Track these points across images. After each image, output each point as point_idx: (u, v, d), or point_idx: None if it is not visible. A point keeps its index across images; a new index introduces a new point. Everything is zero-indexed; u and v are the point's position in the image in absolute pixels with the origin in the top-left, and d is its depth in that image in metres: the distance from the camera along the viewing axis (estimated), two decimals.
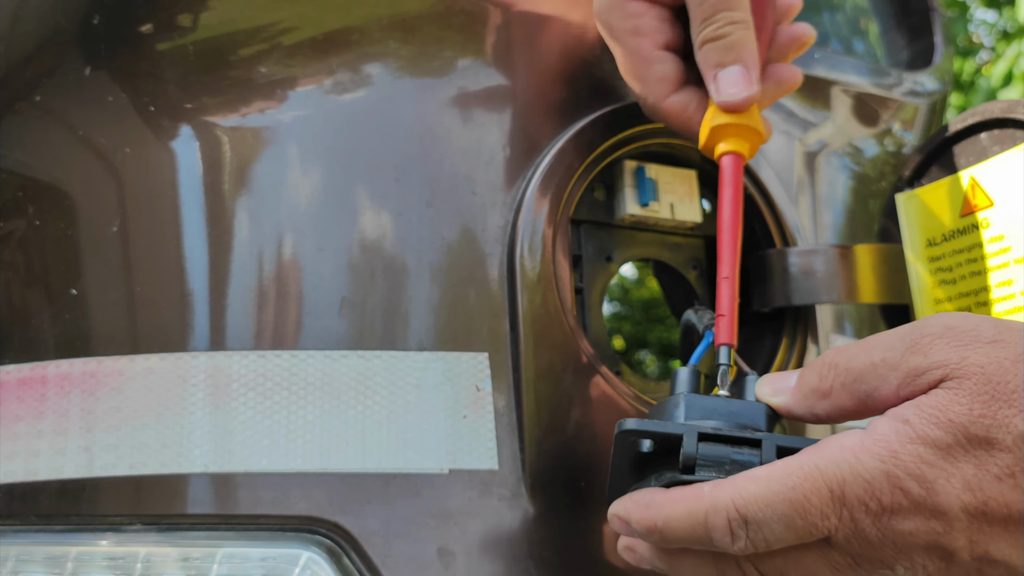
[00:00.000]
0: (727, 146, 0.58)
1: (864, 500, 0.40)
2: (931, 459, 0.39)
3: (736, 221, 0.56)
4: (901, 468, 0.39)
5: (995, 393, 0.39)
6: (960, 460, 0.39)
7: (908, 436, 0.39)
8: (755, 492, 0.41)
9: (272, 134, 0.58)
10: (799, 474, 0.40)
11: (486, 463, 0.56)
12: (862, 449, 0.40)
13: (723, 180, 0.57)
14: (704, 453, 0.45)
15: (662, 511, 0.44)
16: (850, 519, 0.40)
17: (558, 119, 0.64)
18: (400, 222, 0.58)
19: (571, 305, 0.61)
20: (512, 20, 0.64)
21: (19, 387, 0.54)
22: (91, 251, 0.56)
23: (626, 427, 0.46)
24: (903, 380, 0.41)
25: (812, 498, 0.40)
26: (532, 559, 0.56)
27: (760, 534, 0.41)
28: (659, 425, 0.46)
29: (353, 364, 0.55)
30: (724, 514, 0.41)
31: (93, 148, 0.57)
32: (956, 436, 0.39)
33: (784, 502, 0.40)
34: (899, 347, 0.42)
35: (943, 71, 0.89)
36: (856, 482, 0.40)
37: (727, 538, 0.42)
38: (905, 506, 0.39)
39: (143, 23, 0.57)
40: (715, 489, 0.42)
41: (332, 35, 0.60)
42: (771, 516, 0.40)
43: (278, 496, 0.52)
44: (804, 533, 0.41)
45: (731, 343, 0.52)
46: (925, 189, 0.65)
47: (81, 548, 0.51)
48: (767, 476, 0.41)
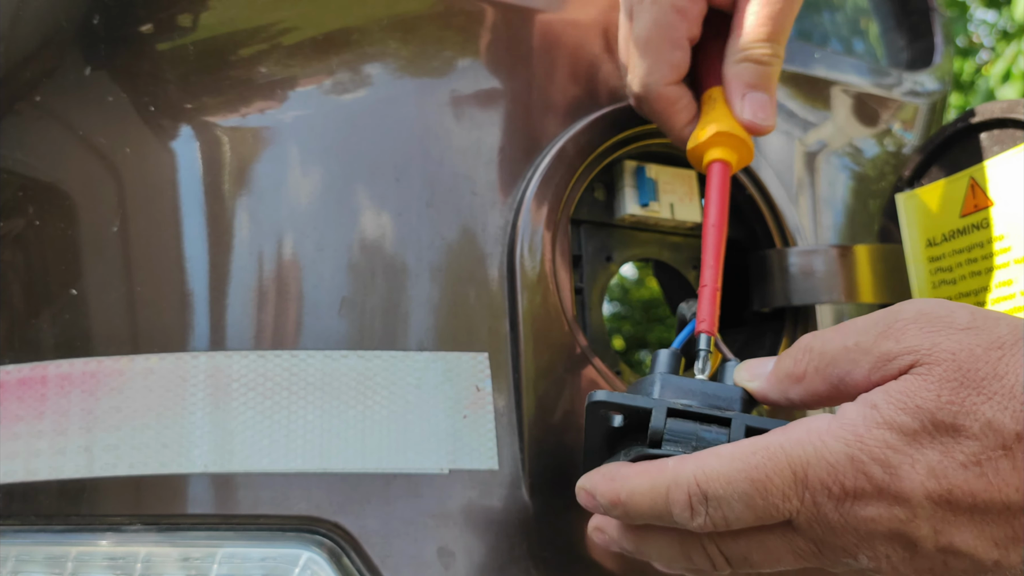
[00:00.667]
0: (719, 154, 0.58)
1: (827, 483, 0.39)
2: (896, 444, 0.38)
3: (722, 228, 0.56)
4: (865, 452, 0.39)
5: (964, 380, 0.38)
6: (926, 446, 0.38)
7: (874, 421, 0.39)
8: (717, 468, 0.41)
9: (272, 134, 0.58)
10: (763, 454, 0.40)
11: (486, 463, 0.56)
12: (828, 433, 0.40)
13: (712, 186, 0.58)
14: (672, 428, 0.44)
15: (626, 484, 0.44)
16: (812, 502, 0.40)
17: (558, 119, 0.64)
18: (400, 222, 0.58)
19: (571, 305, 0.61)
20: (512, 20, 0.64)
21: (19, 387, 0.54)
22: (91, 251, 0.56)
23: (596, 399, 0.46)
24: (874, 365, 0.41)
25: (774, 478, 0.40)
26: (532, 559, 0.56)
27: (720, 511, 0.41)
28: (628, 398, 0.46)
29: (353, 364, 0.55)
30: (685, 488, 0.41)
31: (93, 148, 0.57)
32: (922, 422, 0.38)
33: (745, 480, 0.40)
34: (872, 332, 0.41)
35: (943, 71, 0.89)
36: (819, 465, 0.39)
37: (687, 513, 0.41)
38: (868, 491, 0.39)
39: (143, 23, 0.57)
40: (679, 464, 0.42)
41: (332, 35, 0.60)
42: (731, 493, 0.40)
43: (278, 496, 0.52)
44: (764, 513, 0.40)
45: (711, 332, 0.52)
46: (925, 189, 0.65)
47: (81, 548, 0.51)
48: (731, 453, 0.41)
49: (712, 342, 0.52)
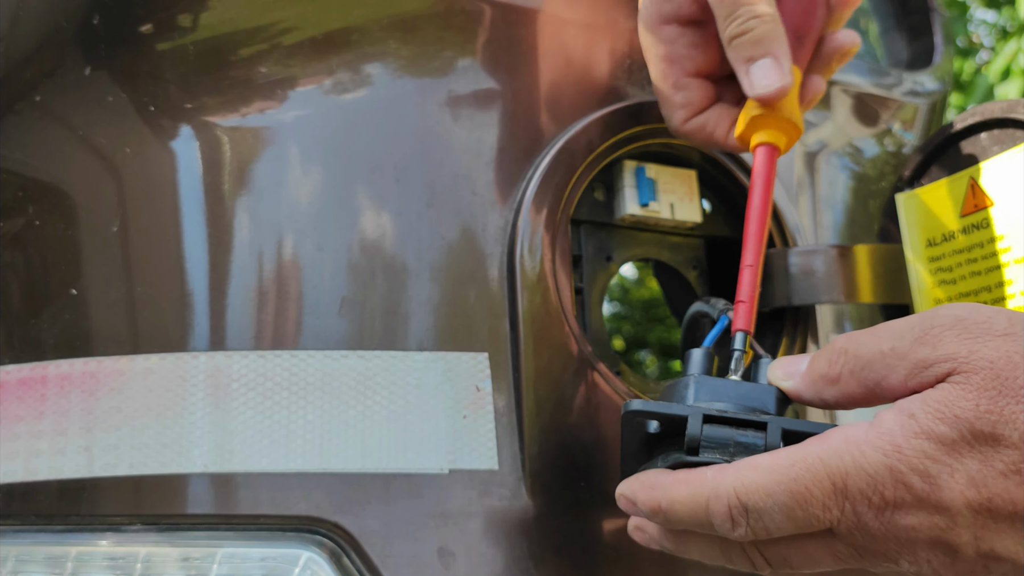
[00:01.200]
0: (762, 137, 0.58)
1: (867, 494, 0.39)
2: (935, 454, 0.38)
3: (765, 212, 0.56)
4: (904, 463, 0.39)
5: (1003, 388, 0.38)
6: (965, 456, 0.38)
7: (913, 431, 0.39)
8: (757, 481, 0.41)
9: (272, 134, 0.58)
10: (802, 465, 0.40)
11: (486, 463, 0.56)
12: (866, 442, 0.40)
13: (755, 171, 0.58)
14: (708, 435, 0.44)
15: (666, 493, 0.44)
16: (852, 512, 0.40)
17: (558, 119, 0.64)
18: (400, 222, 0.58)
19: (571, 305, 0.61)
20: (512, 20, 0.64)
21: (19, 387, 0.54)
22: (91, 251, 0.56)
23: (631, 408, 0.46)
24: (911, 371, 0.41)
25: (814, 490, 0.40)
26: (532, 559, 0.56)
27: (760, 522, 0.41)
28: (663, 406, 0.46)
29: (353, 364, 0.55)
30: (725, 501, 0.41)
31: (93, 148, 0.57)
32: (961, 432, 0.38)
33: (785, 492, 0.40)
34: (908, 337, 0.41)
35: (943, 71, 0.89)
36: (859, 475, 0.39)
37: (727, 524, 0.42)
38: (908, 501, 0.39)
39: (143, 23, 0.57)
40: (718, 475, 0.42)
41: (332, 35, 0.60)
42: (772, 506, 0.40)
43: (278, 496, 0.52)
44: (804, 523, 0.41)
45: (748, 329, 0.52)
46: (925, 189, 0.65)
47: (81, 548, 0.51)
48: (769, 465, 0.41)
49: (747, 341, 0.52)
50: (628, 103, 0.65)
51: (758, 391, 0.48)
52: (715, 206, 0.72)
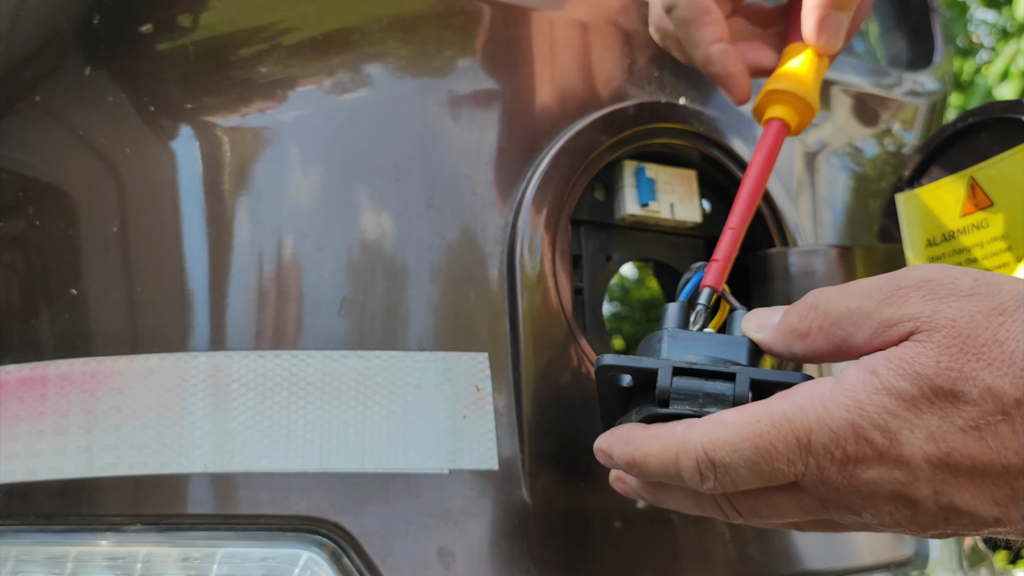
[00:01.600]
0: (776, 112, 0.58)
1: (829, 449, 0.40)
2: (895, 410, 0.39)
3: (760, 182, 0.56)
4: (866, 419, 0.39)
5: (964, 346, 0.39)
6: (925, 412, 0.39)
7: (874, 387, 0.40)
8: (723, 436, 0.42)
9: (272, 134, 0.58)
10: (767, 421, 0.41)
11: (486, 463, 0.56)
12: (830, 398, 0.40)
13: (761, 142, 0.57)
14: (678, 387, 0.45)
15: (640, 447, 0.45)
16: (816, 467, 0.41)
17: (558, 119, 0.64)
18: (400, 222, 0.58)
19: (571, 305, 0.61)
20: (512, 20, 0.64)
21: (19, 387, 0.54)
22: (91, 251, 0.56)
23: (603, 363, 0.47)
24: (876, 329, 0.41)
25: (778, 445, 0.41)
26: (532, 559, 0.56)
27: (727, 476, 0.42)
28: (634, 360, 0.47)
29: (353, 364, 0.55)
30: (694, 456, 0.43)
31: (93, 148, 0.57)
32: (922, 388, 0.39)
33: (751, 448, 0.41)
34: (876, 296, 0.42)
35: (943, 71, 0.89)
36: (822, 431, 0.40)
37: (696, 478, 0.43)
38: (869, 455, 0.40)
39: (143, 23, 0.57)
40: (687, 431, 0.43)
41: (332, 35, 0.60)
42: (738, 460, 0.41)
43: (278, 496, 0.52)
44: (770, 477, 0.42)
45: (716, 286, 0.53)
46: (925, 189, 0.65)
47: (81, 548, 0.51)
48: (736, 421, 0.42)
49: (712, 297, 0.52)
50: (628, 103, 0.65)
51: (731, 343, 0.48)
52: (715, 206, 0.72)
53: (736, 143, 0.69)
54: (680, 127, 0.68)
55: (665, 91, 0.69)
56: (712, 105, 0.70)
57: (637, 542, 0.60)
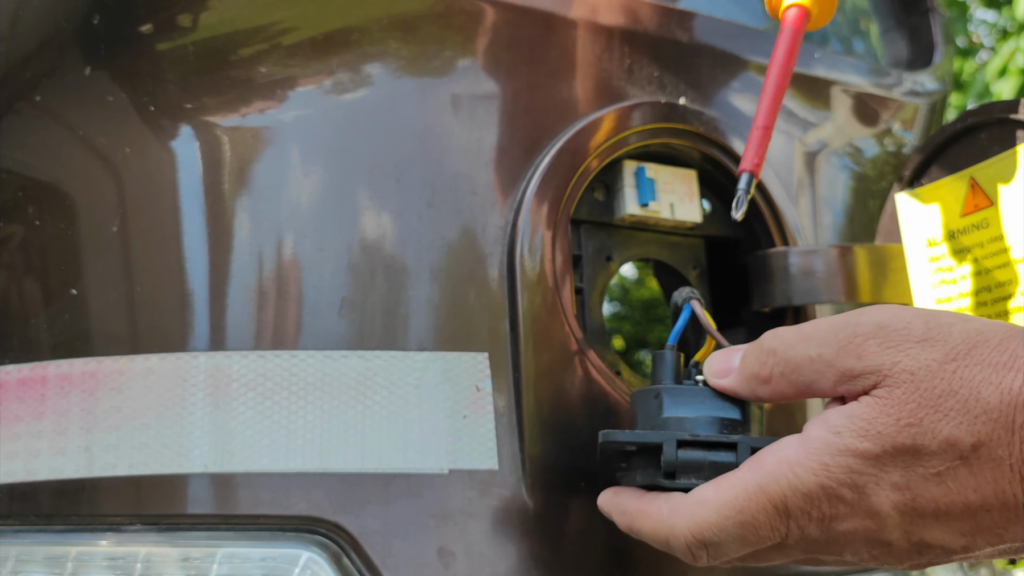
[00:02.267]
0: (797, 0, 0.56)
1: (806, 511, 0.43)
2: (860, 468, 0.41)
3: (785, 76, 0.55)
4: (834, 480, 0.42)
5: (922, 400, 0.40)
6: (888, 467, 0.41)
7: (838, 448, 0.42)
8: (707, 519, 0.45)
9: (272, 134, 0.58)
10: (744, 496, 0.44)
11: (486, 463, 0.56)
12: (798, 463, 0.43)
13: (781, 33, 0.56)
14: (684, 458, 0.47)
15: (634, 522, 0.49)
16: (797, 527, 0.43)
17: (558, 119, 0.64)
18: (400, 222, 0.58)
19: (571, 305, 0.61)
20: (512, 20, 0.64)
21: (19, 387, 0.54)
22: (91, 251, 0.56)
23: (610, 439, 0.49)
24: (839, 379, 0.43)
25: (759, 516, 0.43)
26: (532, 559, 0.56)
27: (719, 551, 0.45)
28: (638, 435, 0.49)
29: (353, 364, 0.55)
30: (683, 540, 0.46)
31: (93, 148, 0.57)
32: (884, 447, 0.41)
33: (735, 525, 0.44)
34: (833, 344, 0.43)
35: (943, 71, 0.89)
36: (796, 496, 0.42)
37: (689, 558, 0.46)
38: (842, 512, 0.42)
39: (143, 23, 0.57)
40: (672, 516, 0.46)
41: (332, 35, 0.60)
42: (724, 538, 0.44)
43: (278, 496, 0.52)
44: (757, 544, 0.45)
45: (754, 171, 0.53)
46: (925, 189, 0.65)
47: (81, 548, 0.51)
48: (716, 500, 0.44)
49: (752, 182, 0.52)
50: (628, 103, 0.65)
51: (725, 396, 0.50)
52: (715, 206, 0.72)
53: (736, 143, 0.69)
54: (680, 127, 0.68)
55: (665, 91, 0.68)
56: (712, 105, 0.70)
57: (637, 542, 0.60)
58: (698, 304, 0.54)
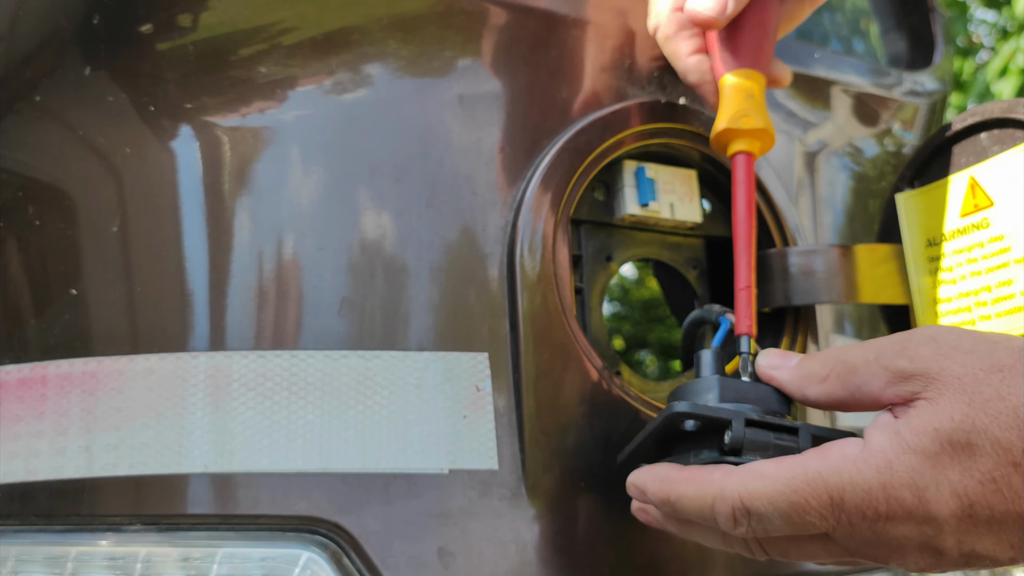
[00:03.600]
0: (741, 146, 0.60)
1: (861, 508, 0.43)
2: (922, 469, 0.42)
3: (751, 223, 0.58)
4: (896, 479, 0.42)
5: (972, 402, 0.42)
6: (947, 468, 0.42)
7: (901, 447, 0.43)
8: (761, 489, 0.45)
9: (272, 134, 0.58)
10: (803, 478, 0.44)
11: (486, 463, 0.56)
12: (862, 460, 0.43)
13: (735, 179, 0.59)
14: (751, 438, 0.48)
15: (675, 488, 0.48)
16: (847, 523, 0.43)
17: (558, 119, 0.64)
18: (400, 222, 0.58)
19: (571, 305, 0.61)
20: (512, 20, 0.64)
21: (19, 387, 0.54)
22: (91, 251, 0.56)
23: (678, 410, 0.49)
24: (890, 380, 0.45)
25: (812, 501, 0.44)
26: (532, 559, 0.56)
27: (761, 524, 0.45)
28: (710, 410, 0.49)
29: (353, 364, 0.55)
30: (730, 504, 0.45)
31: (93, 148, 0.57)
32: (942, 443, 0.42)
33: (786, 502, 0.44)
34: (890, 350, 0.46)
35: (943, 71, 0.89)
36: (855, 492, 0.43)
37: (730, 523, 0.46)
38: (899, 514, 0.43)
39: (143, 23, 0.57)
40: (724, 479, 0.46)
41: (332, 35, 0.60)
42: (772, 512, 0.44)
43: (278, 496, 0.52)
44: (801, 528, 0.44)
45: (751, 333, 0.55)
46: (925, 189, 0.65)
47: (81, 548, 0.51)
48: (774, 475, 0.45)
49: (752, 344, 0.55)
50: (628, 103, 0.65)
51: (768, 392, 0.51)
52: (715, 206, 0.72)
53: None
54: (680, 127, 0.68)
55: (665, 91, 0.69)
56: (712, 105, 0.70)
57: (637, 542, 0.60)
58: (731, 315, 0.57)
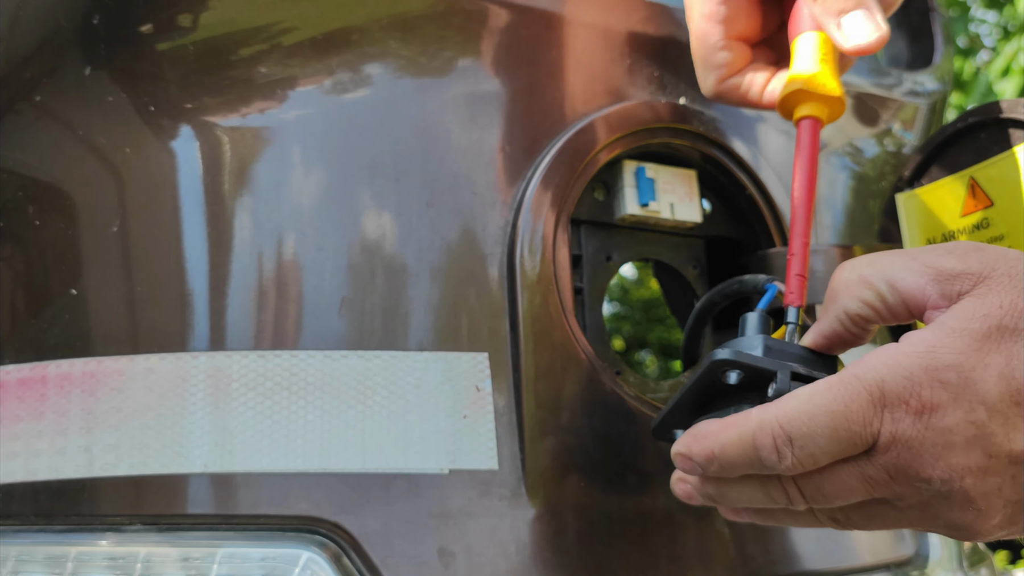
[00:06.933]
0: (805, 111, 0.57)
1: (904, 398, 0.41)
2: (967, 349, 0.40)
3: (811, 185, 0.56)
4: (939, 360, 0.40)
5: (1022, 292, 0.40)
6: (994, 351, 0.40)
7: (945, 332, 0.41)
8: (797, 408, 0.42)
9: (272, 134, 0.58)
10: (839, 387, 0.42)
11: (486, 463, 0.56)
12: (899, 351, 0.41)
13: (799, 145, 0.57)
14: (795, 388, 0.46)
15: (717, 439, 0.46)
16: (891, 420, 0.41)
17: (558, 119, 0.64)
18: (400, 222, 0.58)
19: (571, 305, 0.61)
20: (512, 20, 0.64)
21: (19, 387, 0.54)
22: (91, 251, 0.56)
23: (720, 357, 0.47)
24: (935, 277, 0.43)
25: (852, 405, 0.41)
26: (532, 559, 0.56)
27: (805, 449, 0.42)
28: (755, 359, 0.47)
29: (353, 364, 0.55)
30: (770, 432, 0.43)
31: (93, 148, 0.57)
32: (989, 327, 0.40)
33: (825, 414, 0.41)
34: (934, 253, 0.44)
35: (943, 71, 0.89)
36: (895, 380, 0.41)
37: (774, 456, 0.43)
38: (945, 400, 0.40)
39: (143, 23, 0.57)
40: (762, 411, 0.44)
41: (332, 35, 0.60)
42: (814, 429, 0.42)
43: (278, 496, 0.52)
44: (848, 443, 0.42)
45: (801, 304, 0.53)
46: (925, 189, 0.65)
47: (81, 548, 0.51)
48: (809, 392, 0.43)
49: (800, 315, 0.53)
50: (628, 103, 0.65)
51: (815, 355, 0.49)
52: (715, 206, 0.72)
53: (736, 143, 0.69)
54: (680, 127, 0.68)
55: (665, 91, 0.69)
56: (712, 105, 0.70)
57: (637, 542, 0.60)
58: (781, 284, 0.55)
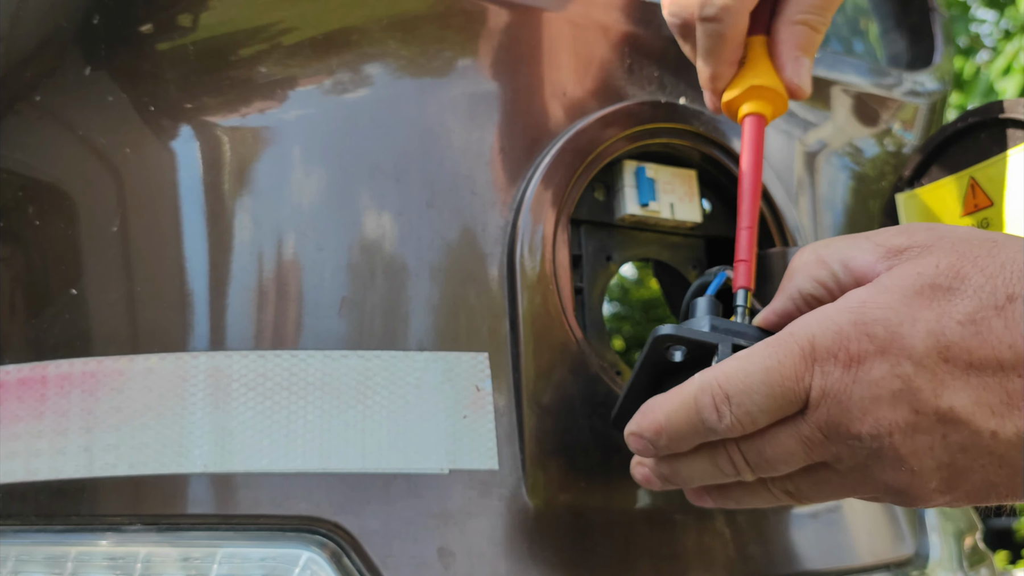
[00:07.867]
0: (751, 108, 0.60)
1: (833, 351, 0.42)
2: (896, 305, 0.41)
3: (757, 175, 0.58)
4: (868, 315, 0.41)
5: (961, 255, 0.41)
6: (924, 307, 0.41)
7: (878, 288, 0.42)
8: (734, 367, 0.44)
9: (272, 134, 0.58)
10: (773, 344, 0.43)
11: (486, 463, 0.56)
12: (832, 308, 0.43)
13: (744, 140, 0.59)
14: None
15: (662, 409, 0.47)
16: (821, 374, 0.42)
17: (558, 119, 0.64)
18: (400, 222, 0.58)
19: (571, 305, 0.61)
20: (512, 20, 0.64)
21: (19, 387, 0.54)
22: (91, 251, 0.56)
23: (663, 332, 0.48)
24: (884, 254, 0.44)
25: (785, 360, 0.42)
26: (532, 559, 0.56)
27: (743, 407, 0.43)
28: (696, 333, 0.48)
29: (353, 364, 0.55)
30: (709, 392, 0.44)
31: (93, 148, 0.57)
32: (922, 285, 0.41)
33: (760, 370, 0.43)
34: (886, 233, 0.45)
35: (943, 71, 0.89)
36: (824, 335, 0.42)
37: (714, 415, 0.44)
38: (871, 351, 0.41)
39: (143, 23, 0.57)
40: (702, 374, 0.45)
41: (332, 35, 0.60)
42: (750, 385, 0.43)
43: (278, 496, 0.52)
44: (783, 399, 0.43)
45: (749, 286, 0.55)
46: (925, 189, 0.65)
47: (81, 548, 0.51)
48: (748, 352, 0.44)
49: (748, 297, 0.54)
50: (628, 103, 0.65)
51: (764, 333, 0.50)
52: (715, 206, 0.72)
53: (736, 143, 0.69)
54: (680, 127, 0.68)
55: (665, 91, 0.69)
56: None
57: (637, 542, 0.60)
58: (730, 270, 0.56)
